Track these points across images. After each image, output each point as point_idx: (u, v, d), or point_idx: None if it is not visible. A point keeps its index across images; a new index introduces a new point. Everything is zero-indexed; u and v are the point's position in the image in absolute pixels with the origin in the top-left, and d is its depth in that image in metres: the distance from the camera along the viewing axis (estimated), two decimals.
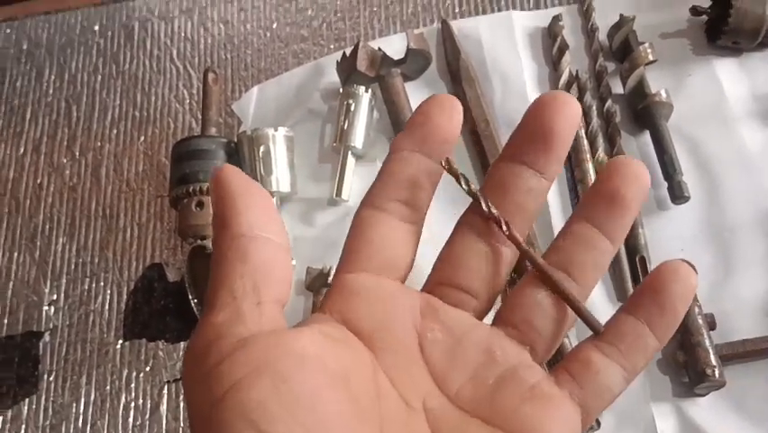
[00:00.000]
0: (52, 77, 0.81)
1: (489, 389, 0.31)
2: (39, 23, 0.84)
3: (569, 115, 0.32)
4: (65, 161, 0.76)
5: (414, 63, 0.71)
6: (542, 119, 0.32)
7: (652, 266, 0.60)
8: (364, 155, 0.70)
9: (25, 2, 0.87)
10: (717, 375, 0.55)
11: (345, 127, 0.69)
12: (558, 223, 0.64)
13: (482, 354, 0.32)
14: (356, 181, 0.69)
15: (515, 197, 0.33)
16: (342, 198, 0.68)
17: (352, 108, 0.69)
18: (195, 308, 0.65)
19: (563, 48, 0.70)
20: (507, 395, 0.31)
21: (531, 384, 0.31)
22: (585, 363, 0.32)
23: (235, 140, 0.70)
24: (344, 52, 0.71)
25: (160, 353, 0.66)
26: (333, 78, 0.73)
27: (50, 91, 0.80)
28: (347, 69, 0.70)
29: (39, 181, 0.76)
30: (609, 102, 0.68)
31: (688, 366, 0.57)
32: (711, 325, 0.58)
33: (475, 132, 0.68)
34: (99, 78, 0.80)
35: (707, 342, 0.56)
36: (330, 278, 0.64)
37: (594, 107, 0.68)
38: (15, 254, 0.73)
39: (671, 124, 0.66)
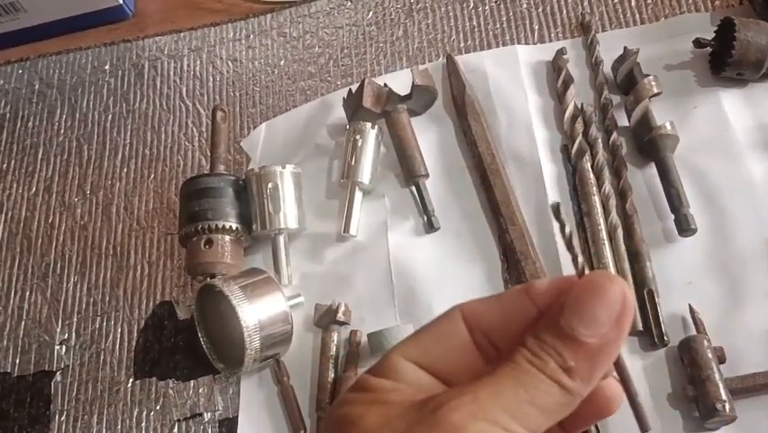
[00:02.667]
0: (64, 116, 0.82)
1: None
2: (50, 63, 0.86)
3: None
4: (76, 199, 0.77)
5: (420, 98, 0.72)
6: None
7: (659, 299, 0.61)
8: (371, 191, 0.71)
9: (37, 42, 0.88)
10: (727, 410, 0.55)
11: (352, 163, 0.69)
12: (566, 262, 0.64)
13: None
14: (364, 217, 0.70)
15: None
16: (351, 233, 0.69)
17: (359, 144, 0.70)
18: (204, 346, 0.65)
19: (568, 81, 0.71)
20: None
21: None
22: None
23: (244, 177, 0.70)
24: (350, 89, 0.72)
25: (171, 391, 0.67)
26: (340, 113, 0.73)
27: (62, 131, 0.82)
28: (353, 105, 0.71)
29: (50, 220, 0.77)
30: (615, 135, 0.68)
31: (698, 401, 0.56)
32: (721, 358, 0.58)
33: (482, 166, 0.68)
34: (110, 116, 0.82)
35: (716, 376, 0.56)
36: (339, 314, 0.64)
37: (600, 140, 0.68)
38: (27, 294, 0.73)
39: (676, 155, 0.66)
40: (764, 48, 0.66)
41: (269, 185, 0.68)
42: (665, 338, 0.60)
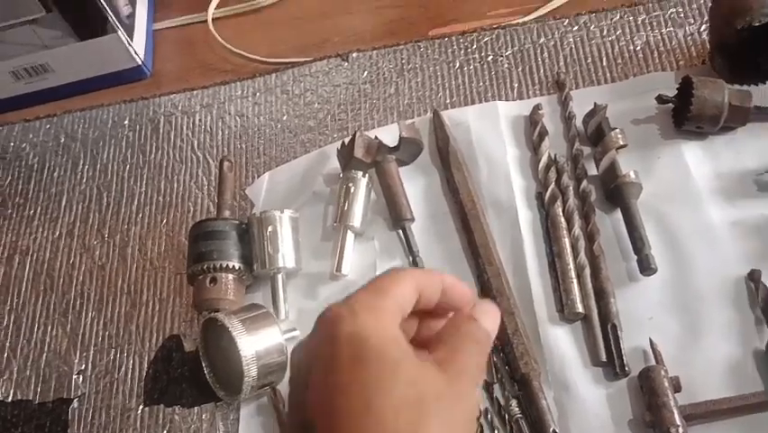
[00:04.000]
0: (86, 167, 0.90)
1: None
2: (75, 118, 0.94)
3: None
4: (95, 242, 0.84)
5: (407, 150, 0.79)
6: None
7: (622, 333, 0.66)
8: (362, 233, 0.77)
9: (63, 100, 0.96)
10: None
11: (345, 208, 0.76)
12: (539, 299, 0.70)
13: None
14: (355, 257, 0.76)
15: None
16: (343, 272, 0.75)
17: (352, 191, 0.76)
18: (207, 375, 0.71)
19: (543, 134, 0.77)
20: None
21: None
22: None
23: (246, 221, 0.77)
24: (343, 141, 0.78)
25: (177, 417, 0.72)
26: (335, 164, 0.80)
27: (84, 180, 0.89)
28: (346, 155, 0.78)
29: (72, 261, 0.83)
30: (585, 182, 0.74)
31: (654, 426, 0.61)
32: (677, 387, 0.63)
33: (463, 212, 0.75)
34: (128, 167, 0.89)
35: (671, 403, 0.61)
36: None
37: (571, 187, 0.75)
38: (49, 328, 0.80)
39: (641, 201, 0.72)
40: (720, 104, 0.73)
41: (269, 228, 0.75)
42: (626, 369, 0.65)
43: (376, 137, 0.78)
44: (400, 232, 0.76)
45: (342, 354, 0.41)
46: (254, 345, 0.67)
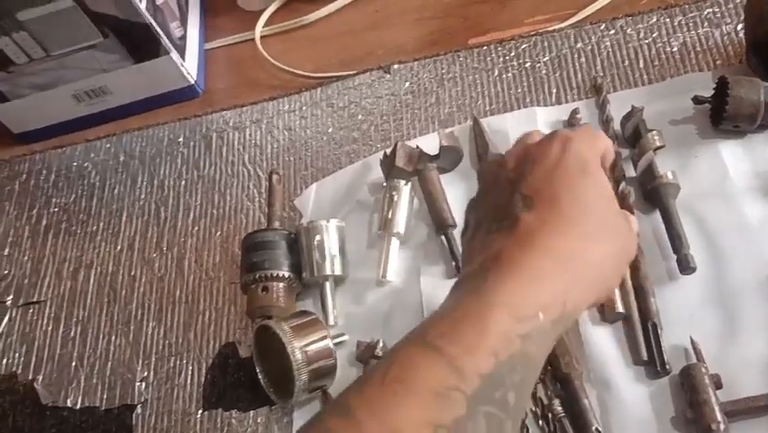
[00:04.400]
0: (144, 183, 0.94)
1: None
2: (133, 137, 0.99)
3: None
4: (154, 255, 0.88)
5: (447, 158, 0.81)
6: None
7: (662, 331, 0.67)
8: (406, 240, 0.79)
9: (122, 120, 1.01)
10: (722, 430, 0.60)
11: (389, 216, 0.78)
12: None
13: None
14: (399, 263, 0.78)
15: None
16: (388, 278, 0.77)
17: (395, 199, 0.79)
18: (261, 380, 0.74)
19: None
20: None
21: None
22: None
23: (295, 231, 0.80)
24: (385, 152, 0.81)
25: (233, 421, 0.75)
26: (378, 173, 0.83)
27: (142, 196, 0.93)
28: (389, 165, 0.80)
29: (132, 274, 0.88)
30: (623, 184, 0.75)
31: (696, 423, 0.62)
32: (717, 384, 0.63)
33: None
34: (183, 182, 0.93)
35: (713, 400, 0.62)
36: (377, 350, 0.73)
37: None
38: (113, 338, 0.84)
39: (679, 201, 0.73)
40: (757, 102, 0.73)
41: (317, 237, 0.78)
42: (667, 367, 0.66)
43: (417, 146, 0.81)
44: (443, 237, 0.78)
45: (569, 162, 0.56)
46: (304, 350, 0.70)
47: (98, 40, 0.90)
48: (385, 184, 0.81)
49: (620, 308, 0.69)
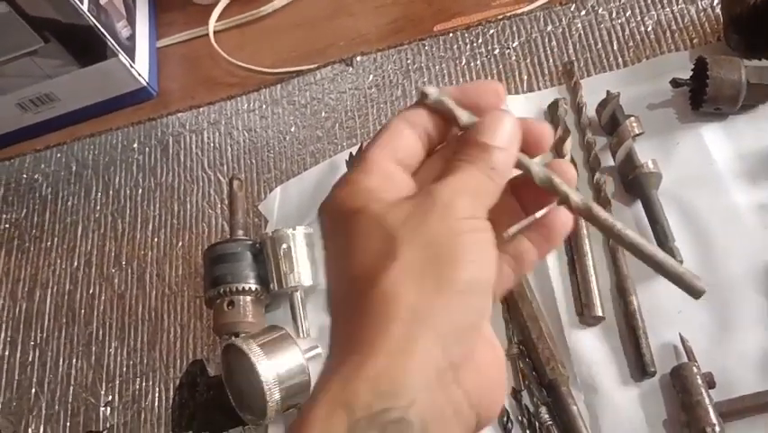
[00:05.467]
0: (99, 194, 0.89)
1: None
2: (85, 145, 0.93)
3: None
4: (113, 270, 0.84)
5: None
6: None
7: (644, 332, 0.64)
8: None
9: (72, 126, 0.96)
10: (717, 432, 0.58)
11: None
12: (562, 301, 0.68)
13: None
14: None
15: None
16: None
17: None
18: (232, 400, 0.70)
19: (565, 136, 0.74)
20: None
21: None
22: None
23: (260, 240, 0.76)
24: (351, 152, 0.77)
25: None
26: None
27: (98, 207, 0.89)
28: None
29: (91, 291, 0.83)
30: (598, 174, 0.72)
31: (690, 426, 0.59)
32: (710, 383, 0.61)
33: None
34: (140, 191, 0.88)
35: (706, 400, 0.59)
36: None
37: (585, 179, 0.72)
38: (74, 360, 0.80)
39: (662, 190, 0.70)
40: (738, 83, 0.70)
41: (283, 247, 0.74)
42: (652, 369, 0.63)
43: None
44: None
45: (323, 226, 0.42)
46: (275, 368, 0.66)
47: (39, 45, 0.85)
48: None
49: (599, 311, 0.66)
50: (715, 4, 0.79)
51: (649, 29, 0.80)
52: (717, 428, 0.58)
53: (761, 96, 0.71)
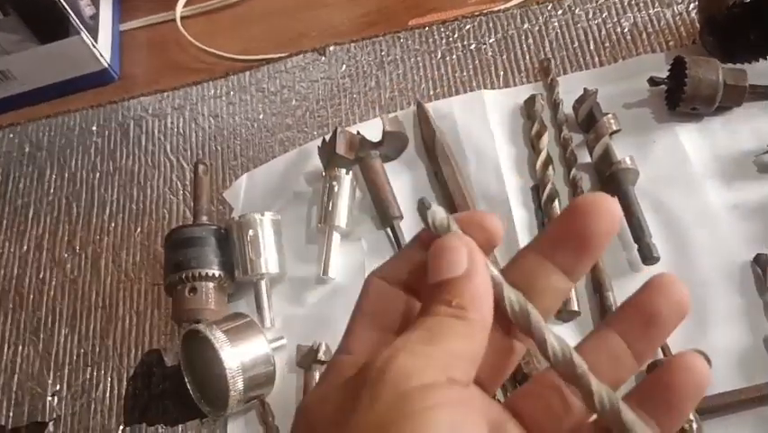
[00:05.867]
0: (53, 176, 0.85)
1: None
2: (40, 126, 0.89)
3: (609, 221, 0.32)
4: (66, 255, 0.80)
5: (391, 145, 0.75)
6: (582, 224, 0.32)
7: None
8: (348, 234, 0.73)
9: (28, 107, 0.92)
10: (694, 430, 0.57)
11: (329, 208, 0.72)
12: None
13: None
14: (342, 259, 0.72)
15: (538, 293, 0.33)
16: (330, 276, 0.71)
17: (335, 190, 0.72)
18: (191, 390, 0.67)
19: (542, 131, 0.74)
20: None
21: None
22: None
23: (225, 226, 0.73)
24: (324, 138, 0.75)
25: None
26: (316, 162, 0.77)
27: (51, 190, 0.84)
28: (328, 153, 0.74)
29: (41, 276, 0.79)
30: (574, 170, 0.71)
31: None
32: None
33: (453, 207, 0.71)
34: (98, 175, 0.84)
35: None
36: (320, 354, 0.66)
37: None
38: (20, 348, 0.75)
39: (638, 187, 0.69)
40: (715, 83, 0.70)
41: (250, 232, 0.71)
42: None
43: (358, 132, 0.75)
44: (389, 230, 0.72)
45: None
46: (239, 356, 0.64)
47: None
48: (324, 173, 0.74)
49: (575, 306, 0.65)
50: (690, 8, 0.80)
51: (625, 30, 0.80)
52: (695, 425, 0.57)
53: (736, 98, 0.71)
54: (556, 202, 0.70)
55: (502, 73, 0.80)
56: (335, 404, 0.30)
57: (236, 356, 0.64)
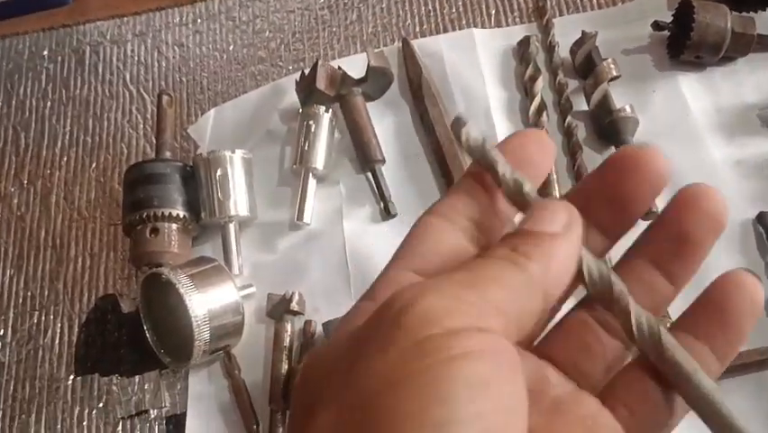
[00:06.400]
0: None
1: (543, 420, 0.27)
2: None
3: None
4: (12, 189, 0.74)
5: (375, 82, 0.70)
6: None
7: None
8: (325, 177, 0.68)
9: None
10: None
11: (306, 148, 0.67)
12: None
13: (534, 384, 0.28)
14: (318, 204, 0.67)
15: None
16: (304, 221, 0.66)
17: (313, 129, 0.67)
18: (150, 339, 0.62)
19: (536, 75, 0.69)
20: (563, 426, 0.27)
21: (586, 415, 0.28)
22: (642, 394, 0.28)
23: (191, 163, 0.67)
24: (303, 71, 0.69)
25: (114, 388, 0.63)
26: (292, 98, 0.71)
27: None
28: (306, 88, 0.69)
29: None
30: (570, 117, 0.67)
31: None
32: None
33: (440, 151, 0.67)
34: (49, 103, 0.78)
35: None
36: (292, 304, 0.61)
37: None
38: None
39: (636, 139, 0.65)
40: (723, 30, 0.66)
41: (219, 171, 0.66)
42: None
43: (339, 67, 0.69)
44: (369, 175, 0.68)
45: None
46: (206, 303, 0.59)
47: None
48: (301, 111, 0.69)
49: None
50: None
51: None
52: None
53: (742, 48, 0.67)
54: None
55: (494, 12, 0.75)
56: (340, 353, 0.24)
57: (203, 303, 0.59)
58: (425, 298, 0.23)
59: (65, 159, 0.74)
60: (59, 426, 0.62)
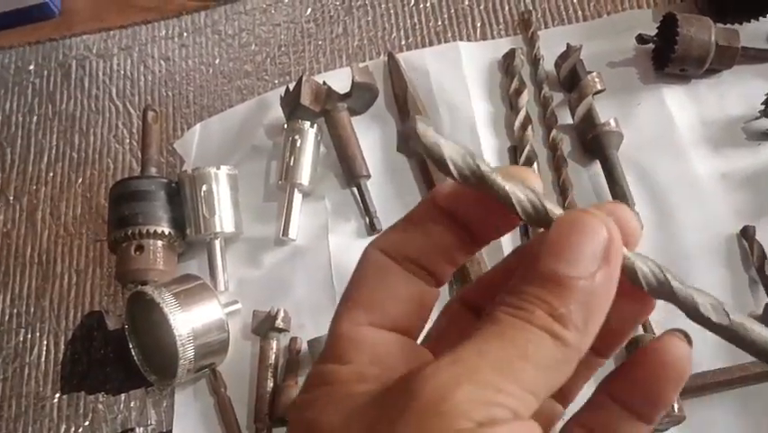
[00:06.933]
0: None
1: None
2: None
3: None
4: None
5: (360, 97, 0.70)
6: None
7: None
8: (311, 192, 0.68)
9: None
10: (675, 410, 0.54)
11: (291, 164, 0.67)
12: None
13: None
14: (303, 219, 0.67)
15: None
16: (290, 236, 0.66)
17: (298, 144, 0.67)
18: (135, 357, 0.62)
19: (521, 89, 0.69)
20: None
21: None
22: None
23: (177, 180, 0.67)
24: (288, 87, 0.69)
25: (100, 406, 0.63)
26: (277, 113, 0.71)
27: None
28: (291, 103, 0.69)
29: None
30: (555, 131, 0.67)
31: None
32: None
33: (425, 166, 0.67)
34: (35, 118, 0.78)
35: None
36: (278, 321, 0.61)
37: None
38: None
39: (621, 152, 0.65)
40: (707, 43, 0.66)
41: (204, 187, 0.66)
42: None
43: (324, 83, 0.69)
44: (354, 190, 0.68)
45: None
46: (190, 321, 0.59)
47: None
48: (286, 126, 0.69)
49: None
50: None
51: None
52: (676, 406, 0.54)
53: (727, 61, 0.68)
54: (535, 165, 0.66)
55: (479, 24, 0.75)
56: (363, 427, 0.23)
57: (187, 322, 0.59)
58: (462, 388, 0.22)
59: (51, 174, 0.74)
60: None
